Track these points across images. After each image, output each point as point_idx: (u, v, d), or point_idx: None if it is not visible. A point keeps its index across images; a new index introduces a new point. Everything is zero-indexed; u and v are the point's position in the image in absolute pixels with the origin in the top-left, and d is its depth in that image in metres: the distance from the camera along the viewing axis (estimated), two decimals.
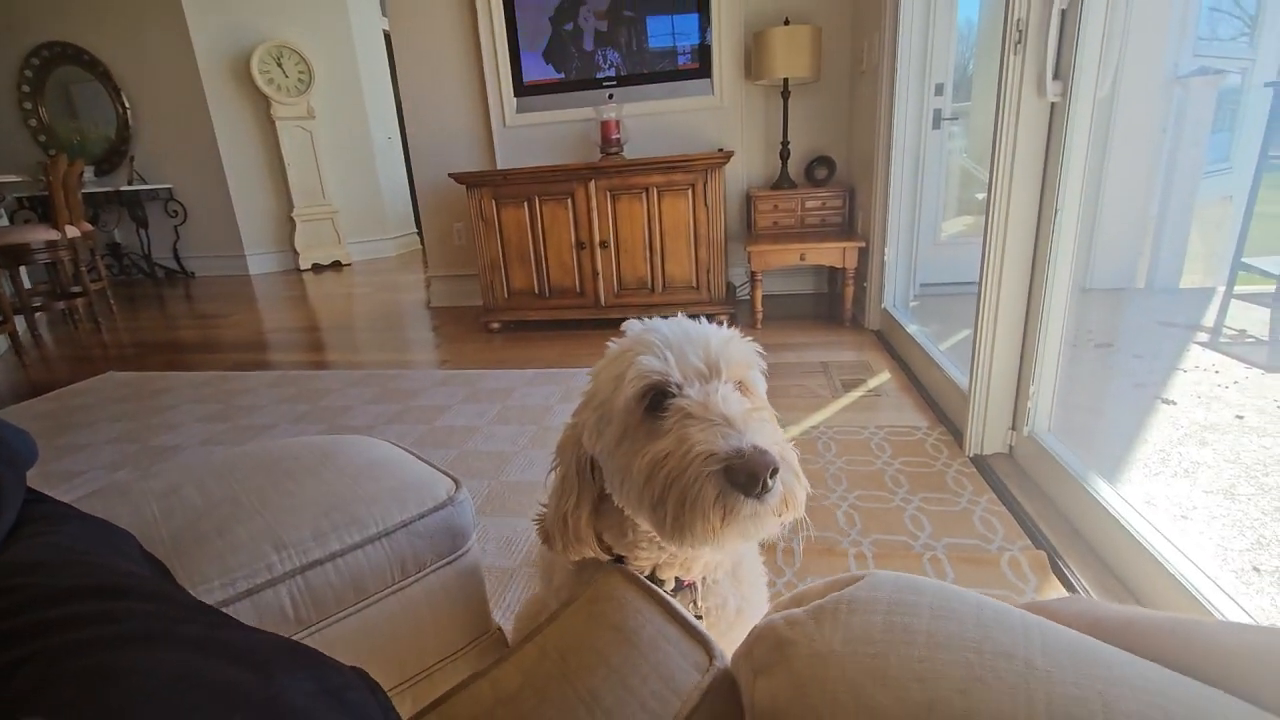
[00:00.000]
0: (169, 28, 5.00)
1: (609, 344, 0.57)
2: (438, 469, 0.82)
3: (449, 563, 0.77)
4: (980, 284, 1.56)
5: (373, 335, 3.29)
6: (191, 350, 3.19)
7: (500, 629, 0.87)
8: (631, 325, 0.57)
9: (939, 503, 1.41)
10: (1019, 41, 1.32)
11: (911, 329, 2.27)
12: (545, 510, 0.62)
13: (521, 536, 1.38)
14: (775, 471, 0.44)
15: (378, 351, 2.96)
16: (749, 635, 0.41)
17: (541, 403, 2.11)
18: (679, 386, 0.50)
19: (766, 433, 0.47)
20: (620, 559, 0.60)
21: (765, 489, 0.44)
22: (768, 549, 1.29)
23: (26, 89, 5.42)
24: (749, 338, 0.56)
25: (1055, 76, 1.28)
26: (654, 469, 0.47)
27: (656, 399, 0.50)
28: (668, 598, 0.49)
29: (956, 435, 1.69)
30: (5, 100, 5.45)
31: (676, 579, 0.60)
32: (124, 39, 5.15)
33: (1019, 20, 1.31)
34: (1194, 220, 2.76)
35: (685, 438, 0.46)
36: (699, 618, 0.58)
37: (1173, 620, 0.35)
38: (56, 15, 5.20)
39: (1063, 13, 1.26)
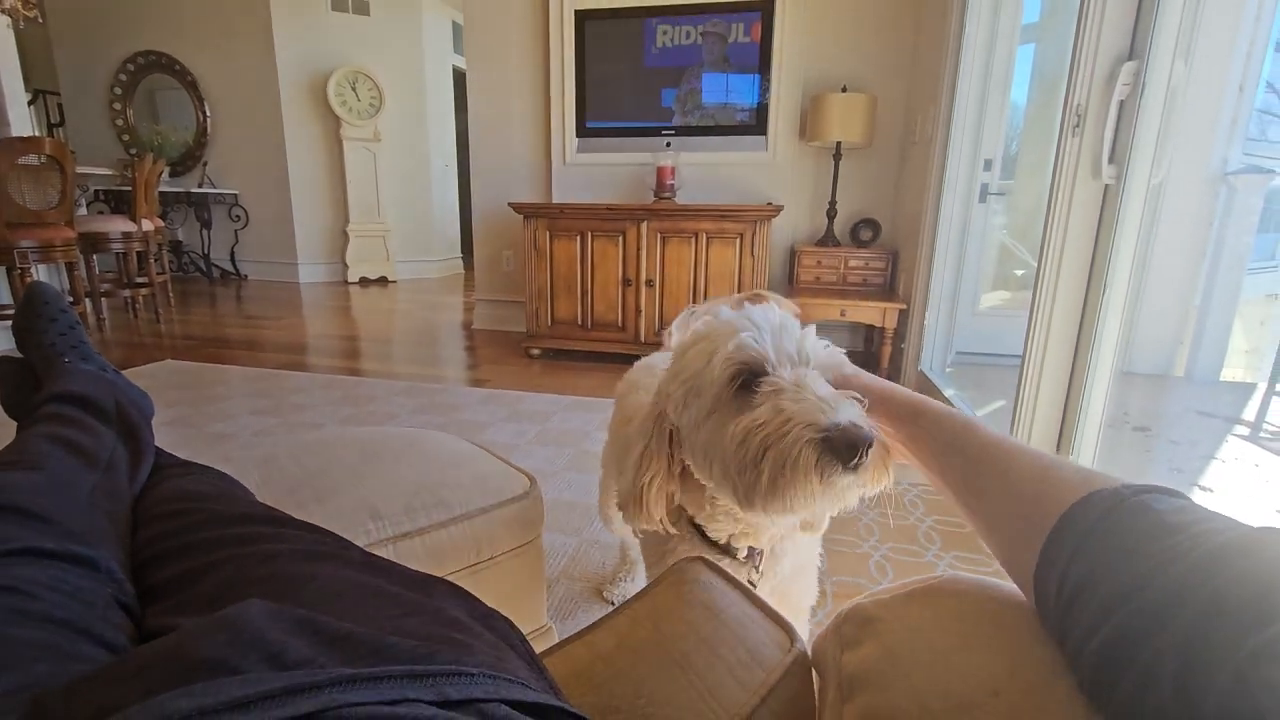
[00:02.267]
0: (257, 46, 5.34)
1: (697, 323, 0.62)
2: (513, 465, 0.88)
3: (518, 551, 0.82)
4: (1024, 356, 1.59)
5: (415, 350, 3.40)
6: (242, 347, 3.32)
7: (552, 626, 0.91)
8: (722, 309, 0.60)
9: (972, 562, 1.42)
10: (1077, 125, 1.39)
11: (948, 393, 2.30)
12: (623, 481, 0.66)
13: (560, 551, 1.42)
14: (871, 445, 0.48)
15: (420, 366, 3.06)
16: (835, 618, 0.45)
17: (580, 428, 2.17)
18: (773, 367, 0.53)
19: (859, 412, 0.50)
20: (699, 528, 0.66)
21: (861, 460, 0.47)
22: None
23: (118, 91, 5.79)
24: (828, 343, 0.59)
25: (1110, 160, 1.35)
26: (748, 435, 0.50)
27: (749, 378, 0.53)
28: (748, 588, 0.54)
29: None
30: (98, 100, 5.84)
31: (750, 548, 0.65)
32: (215, 53, 5.51)
33: (1078, 105, 1.38)
34: (1237, 315, 2.78)
35: (781, 408, 0.49)
36: (752, 584, 0.65)
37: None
38: (155, 27, 5.59)
39: (1121, 102, 1.33)
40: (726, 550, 0.65)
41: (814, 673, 0.48)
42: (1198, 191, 2.60)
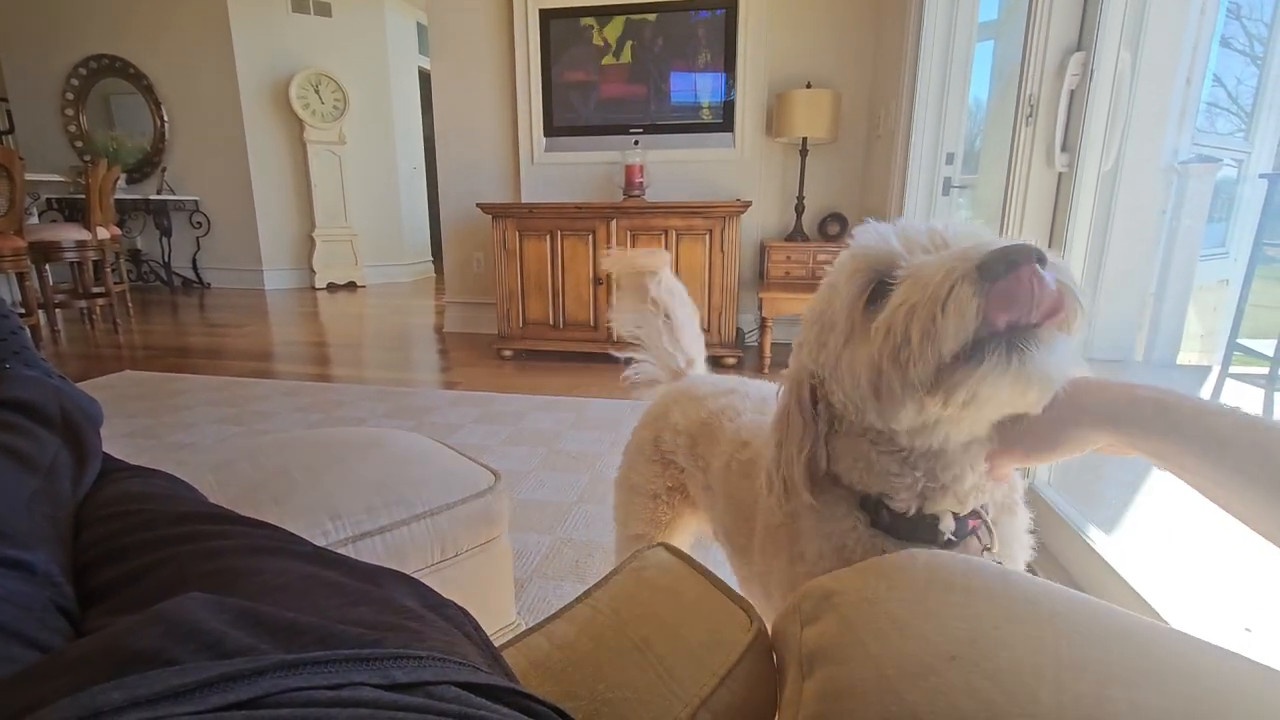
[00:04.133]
0: (216, 49, 5.22)
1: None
2: (477, 462, 0.87)
3: (483, 548, 0.81)
4: None
5: (385, 354, 3.35)
6: (204, 356, 3.24)
7: (521, 623, 0.90)
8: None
9: None
10: (1030, 115, 1.42)
11: None
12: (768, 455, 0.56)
13: (532, 550, 1.41)
14: (1043, 260, 0.38)
15: (390, 370, 3.01)
16: (795, 595, 0.45)
17: (553, 428, 2.15)
18: (905, 260, 0.43)
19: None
20: (879, 502, 0.52)
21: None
22: None
23: (70, 96, 5.61)
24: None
25: (1063, 149, 1.38)
26: (892, 319, 0.41)
27: (881, 285, 0.44)
28: (707, 569, 0.54)
29: None
30: (49, 106, 5.65)
31: (955, 515, 0.51)
32: (172, 57, 5.37)
33: (1031, 95, 1.41)
34: (1191, 300, 2.87)
35: (920, 272, 0.40)
36: (998, 561, 0.50)
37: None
38: (109, 30, 5.43)
39: (1071, 92, 1.36)
40: (921, 529, 0.51)
41: (775, 652, 0.48)
42: (1150, 181, 2.67)
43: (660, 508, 0.85)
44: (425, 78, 5.79)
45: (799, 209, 3.12)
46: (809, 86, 3.01)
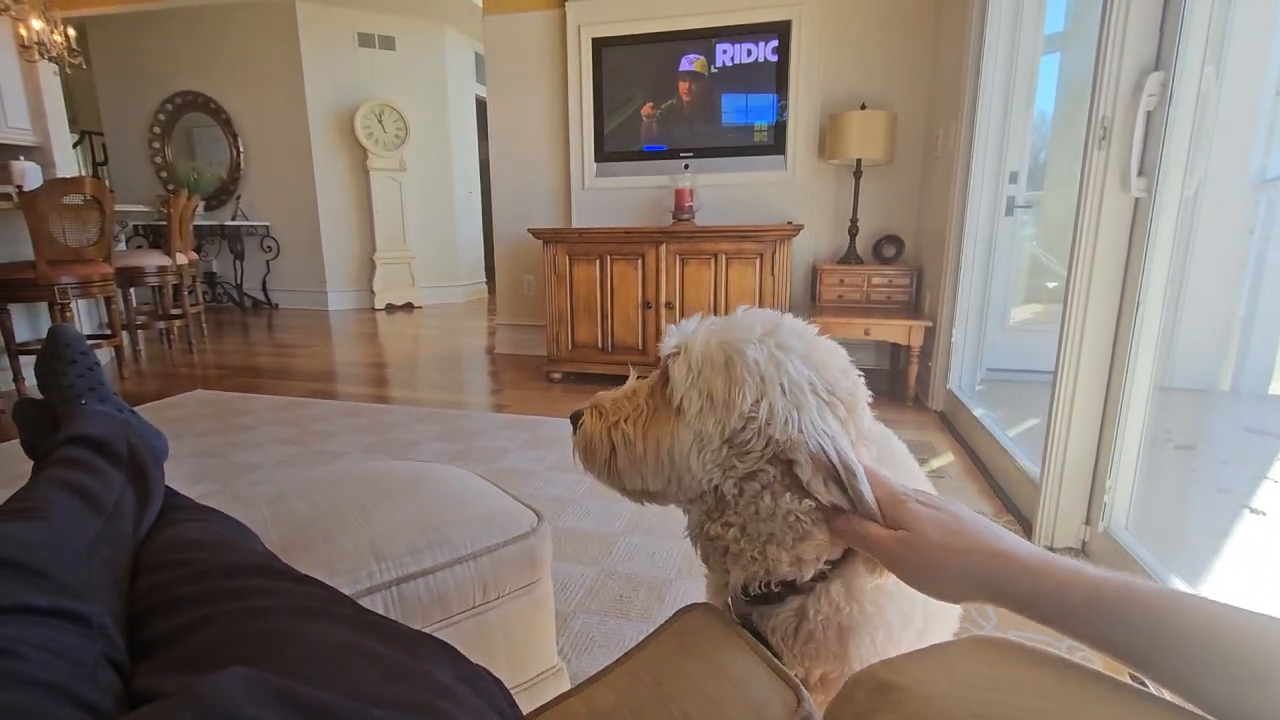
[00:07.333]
0: (289, 84, 5.53)
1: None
2: (520, 501, 0.86)
3: (525, 591, 0.80)
4: (1056, 374, 1.54)
5: (438, 375, 3.43)
6: (270, 376, 3.38)
7: (562, 666, 0.88)
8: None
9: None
10: (1103, 138, 1.35)
11: (978, 412, 2.23)
12: None
13: (576, 582, 1.39)
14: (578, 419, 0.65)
15: (442, 391, 3.07)
16: (846, 683, 0.42)
17: None
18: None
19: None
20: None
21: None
22: None
23: (157, 130, 6.03)
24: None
25: (1140, 173, 1.30)
26: None
27: None
28: (753, 639, 0.51)
29: (1025, 524, 1.64)
30: (138, 140, 6.09)
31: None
32: (248, 92, 5.72)
33: (1104, 118, 1.34)
34: None
35: None
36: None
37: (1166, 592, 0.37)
38: (194, 69, 5.83)
39: (1149, 114, 1.29)
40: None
41: None
42: (1236, 199, 2.51)
43: None
44: (482, 105, 5.97)
45: (853, 232, 3.06)
46: (863, 107, 2.95)
